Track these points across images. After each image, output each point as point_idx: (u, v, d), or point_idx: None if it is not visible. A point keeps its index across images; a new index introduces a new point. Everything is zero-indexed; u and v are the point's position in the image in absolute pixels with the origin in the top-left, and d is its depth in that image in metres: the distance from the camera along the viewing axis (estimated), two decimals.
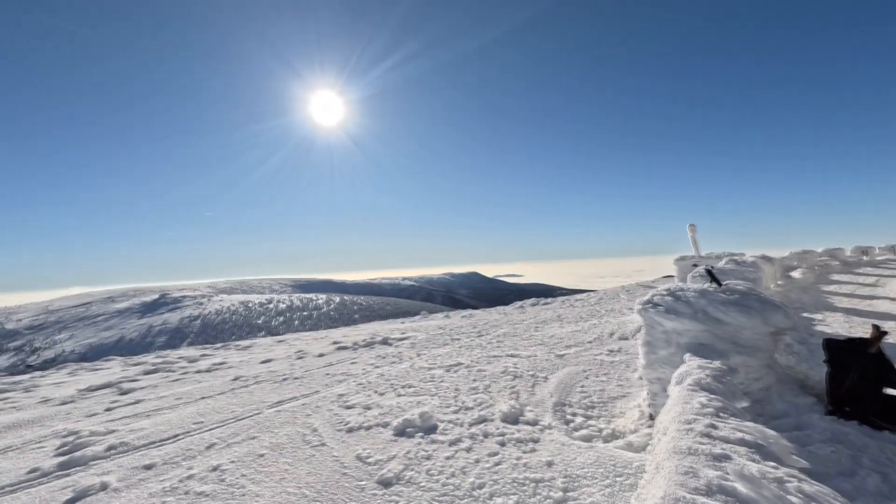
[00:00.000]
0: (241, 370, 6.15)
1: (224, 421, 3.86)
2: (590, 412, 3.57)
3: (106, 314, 78.93)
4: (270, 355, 7.28)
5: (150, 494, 2.56)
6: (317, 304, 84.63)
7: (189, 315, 71.48)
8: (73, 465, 3.09)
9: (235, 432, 3.54)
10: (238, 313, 73.64)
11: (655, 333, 3.21)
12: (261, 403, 4.34)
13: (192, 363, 7.04)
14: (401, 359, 6.15)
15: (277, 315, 75.47)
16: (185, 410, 4.29)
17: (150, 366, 7.03)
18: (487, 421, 3.42)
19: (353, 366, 5.93)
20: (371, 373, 5.38)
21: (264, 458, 2.98)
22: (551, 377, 4.59)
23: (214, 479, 2.71)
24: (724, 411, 1.77)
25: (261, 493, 2.50)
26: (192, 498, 2.49)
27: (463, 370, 5.14)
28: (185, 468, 2.91)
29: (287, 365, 6.31)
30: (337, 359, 6.54)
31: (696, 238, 6.68)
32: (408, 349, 6.90)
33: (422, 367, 5.51)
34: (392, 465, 2.72)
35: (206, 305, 77.60)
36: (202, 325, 67.38)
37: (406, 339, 7.86)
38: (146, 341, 60.40)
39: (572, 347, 6.01)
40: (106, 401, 4.95)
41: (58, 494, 2.66)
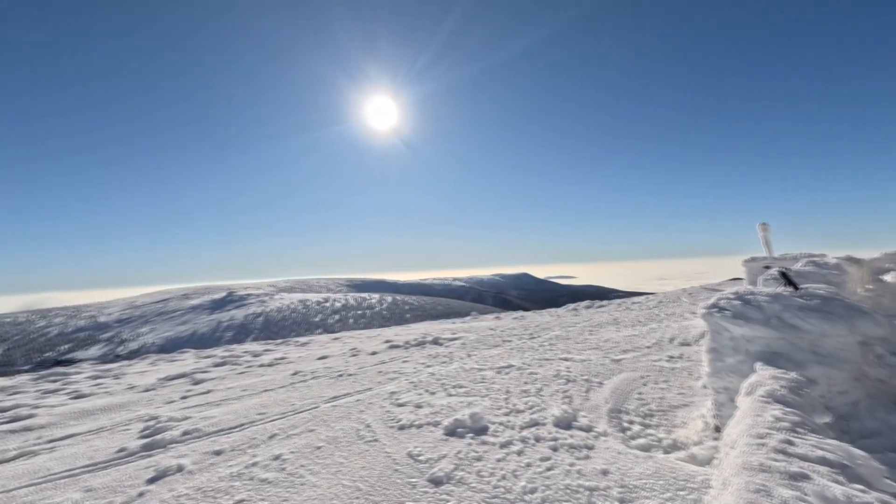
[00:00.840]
0: (299, 365, 6.45)
1: (284, 413, 4.06)
2: (648, 420, 3.40)
3: (181, 310, 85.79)
4: (326, 352, 7.58)
5: (220, 478, 2.74)
6: (370, 304, 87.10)
7: (253, 312, 76.08)
8: (154, 447, 3.38)
9: (294, 424, 3.72)
10: (297, 311, 77.38)
11: (722, 340, 3.00)
12: (318, 398, 4.53)
13: (256, 357, 7.48)
14: (451, 359, 6.19)
15: (333, 313, 78.47)
16: (249, 402, 4.56)
17: (218, 359, 7.56)
18: (539, 425, 3.36)
19: (404, 364, 6.04)
20: (422, 372, 5.46)
21: (321, 451, 3.11)
22: (606, 383, 4.43)
23: (276, 468, 2.86)
24: (801, 426, 1.62)
25: (318, 484, 2.60)
26: (256, 484, 2.64)
27: (514, 372, 5.09)
28: (249, 455, 3.10)
29: (342, 362, 6.54)
30: (389, 357, 6.69)
31: (769, 238, 6.16)
32: (458, 349, 6.93)
33: (472, 367, 5.51)
34: (443, 465, 2.74)
35: (269, 303, 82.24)
36: (265, 322, 71.47)
37: (457, 340, 7.89)
38: (215, 336, 64.98)
39: (629, 352, 5.76)
40: (181, 389, 5.37)
41: (142, 473, 2.92)
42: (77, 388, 5.88)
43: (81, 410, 4.59)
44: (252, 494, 2.52)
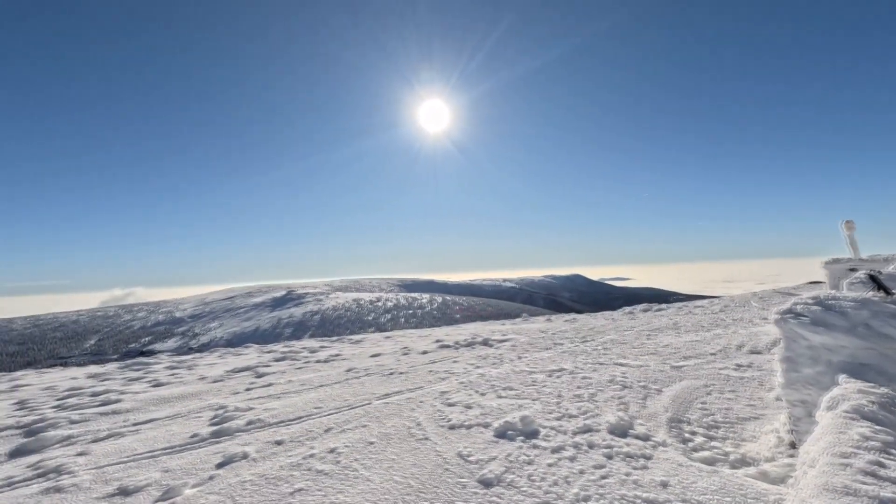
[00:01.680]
0: (353, 362, 6.66)
1: (339, 408, 4.21)
2: (713, 432, 3.19)
3: (246, 307, 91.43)
4: (379, 350, 7.78)
5: (280, 467, 2.90)
6: (420, 303, 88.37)
7: (310, 310, 79.62)
8: (222, 434, 3.63)
9: (348, 419, 3.84)
10: (351, 310, 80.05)
11: (798, 349, 2.76)
12: (370, 395, 4.66)
13: (313, 353, 7.82)
14: (501, 360, 6.14)
15: (385, 312, 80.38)
16: (307, 395, 4.78)
17: (279, 354, 7.97)
18: (593, 431, 3.25)
19: (454, 365, 6.06)
20: (472, 372, 5.46)
21: (374, 446, 3.19)
22: (666, 390, 4.21)
23: (331, 461, 2.97)
24: (894, 447, 1.46)
25: (371, 478, 2.68)
26: (313, 475, 2.76)
27: (566, 376, 4.96)
28: (307, 447, 3.24)
29: (394, 360, 6.68)
30: (439, 357, 6.75)
31: (854, 237, 5.56)
32: (508, 351, 6.86)
33: (523, 370, 5.43)
34: (493, 466, 2.73)
35: (325, 302, 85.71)
36: (321, 320, 74.56)
37: (507, 341, 7.82)
38: (276, 332, 68.67)
39: (691, 359, 5.44)
40: (246, 382, 5.72)
41: (211, 458, 3.14)
42: (156, 377, 6.44)
43: (160, 398, 5.02)
44: (310, 484, 2.63)
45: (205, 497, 2.53)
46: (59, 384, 6.53)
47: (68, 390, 5.86)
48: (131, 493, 2.66)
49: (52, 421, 4.26)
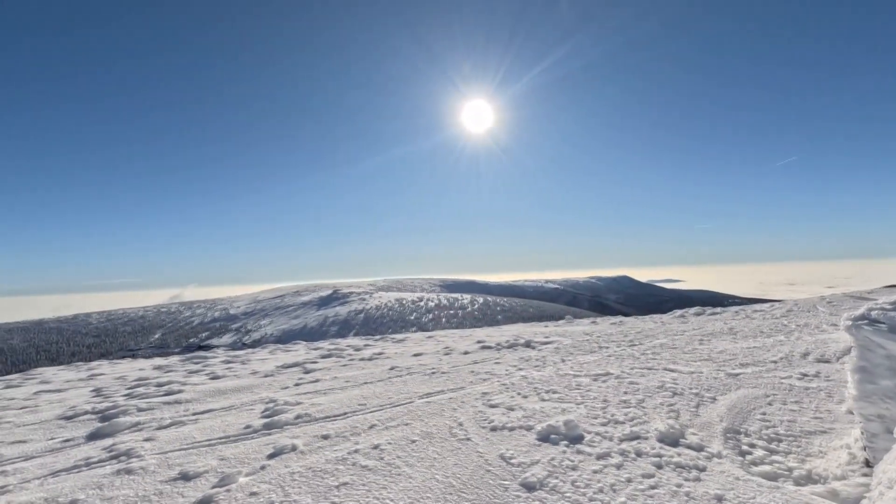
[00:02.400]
0: (396, 361, 6.78)
1: (382, 406, 4.30)
2: (774, 445, 2.99)
3: (294, 305, 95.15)
4: (421, 349, 7.86)
5: (327, 461, 2.99)
6: (462, 304, 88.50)
7: (355, 309, 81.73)
8: (273, 426, 3.80)
9: (391, 417, 3.91)
10: (394, 309, 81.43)
11: (874, 358, 2.53)
12: (413, 393, 4.72)
13: (357, 351, 8.02)
14: (544, 363, 6.03)
15: (427, 312, 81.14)
16: (351, 392, 4.91)
17: (325, 351, 8.24)
18: (641, 438, 3.13)
19: (496, 366, 6.03)
20: (514, 374, 5.40)
21: (416, 444, 3.23)
22: (721, 398, 3.98)
23: (375, 457, 3.03)
24: None
25: (413, 476, 2.71)
26: (357, 470, 2.83)
27: (612, 381, 4.80)
28: (352, 442, 3.33)
29: (435, 360, 6.73)
30: (481, 357, 6.73)
31: None
32: (552, 354, 6.73)
33: (566, 373, 5.31)
34: (536, 470, 2.69)
35: (368, 301, 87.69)
36: (365, 319, 76.36)
37: (550, 344, 7.68)
38: (322, 329, 71.01)
39: (749, 366, 5.12)
40: (295, 377, 5.95)
41: (263, 449, 3.29)
42: (213, 370, 6.83)
43: (217, 390, 5.32)
44: (354, 479, 2.70)
45: (257, 486, 2.66)
46: (128, 374, 7.08)
47: (136, 380, 6.34)
48: (191, 478, 2.83)
49: (123, 408, 4.62)
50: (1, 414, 4.79)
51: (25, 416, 4.69)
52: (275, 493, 2.55)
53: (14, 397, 5.72)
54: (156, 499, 2.58)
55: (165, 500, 2.55)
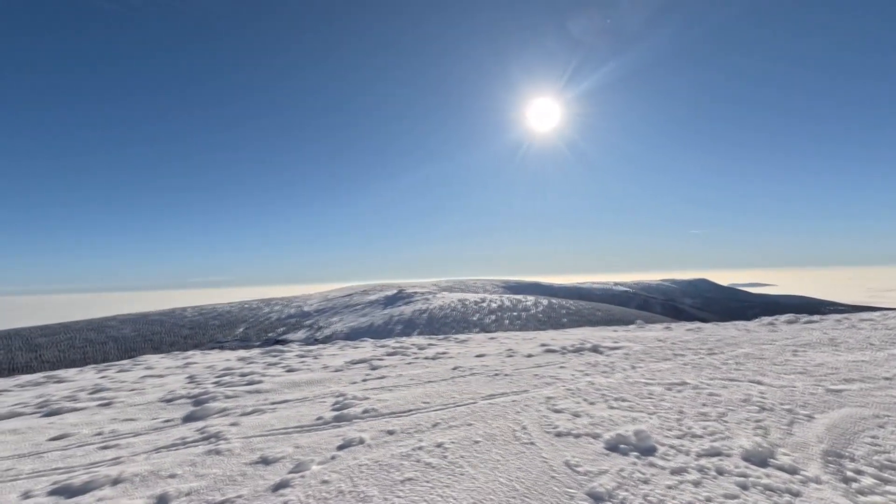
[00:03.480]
0: (459, 361, 6.82)
1: (446, 405, 4.35)
2: (886, 474, 2.62)
3: (362, 304, 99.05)
4: (484, 351, 7.85)
5: (392, 456, 3.08)
6: (525, 306, 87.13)
7: (419, 309, 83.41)
8: (342, 419, 3.98)
9: (454, 416, 3.95)
10: (457, 310, 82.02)
11: None
12: (475, 394, 4.72)
13: (421, 350, 8.18)
14: (613, 369, 5.77)
15: (489, 314, 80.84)
16: (416, 390, 5.01)
17: (391, 349, 8.49)
18: (722, 455, 2.89)
19: (561, 370, 5.86)
20: (580, 380, 5.22)
21: (479, 446, 3.23)
22: (819, 417, 3.57)
23: (438, 455, 3.08)
24: None
25: (476, 477, 2.71)
26: (421, 467, 2.89)
27: (688, 391, 4.48)
28: (416, 439, 3.40)
29: (498, 361, 6.69)
30: (545, 361, 6.59)
31: None
32: (621, 360, 6.42)
33: (637, 381, 5.04)
34: (604, 480, 2.58)
35: (432, 301, 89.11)
36: (428, 319, 77.67)
37: (619, 349, 7.33)
38: (388, 328, 73.27)
39: (855, 382, 4.54)
40: (362, 373, 6.20)
41: (333, 440, 3.46)
42: (289, 363, 7.30)
43: (292, 382, 5.68)
44: (418, 475, 2.76)
45: (328, 474, 2.80)
46: (216, 364, 7.77)
47: (223, 370, 6.95)
48: (270, 462, 3.05)
49: (213, 394, 5.08)
50: (115, 395, 5.47)
51: (134, 397, 5.32)
52: (344, 483, 2.67)
53: (125, 380, 6.51)
54: (240, 479, 2.81)
55: (248, 481, 2.77)
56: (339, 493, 2.56)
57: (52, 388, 6.36)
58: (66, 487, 2.76)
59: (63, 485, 2.79)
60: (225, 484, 2.75)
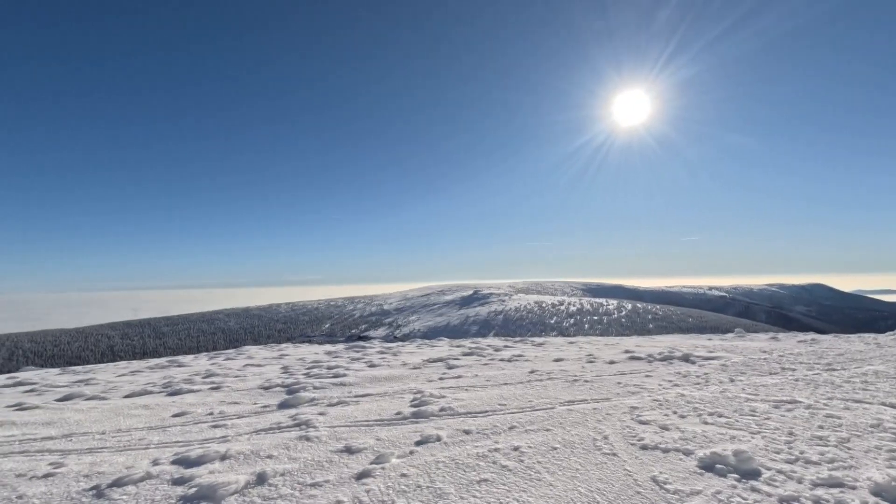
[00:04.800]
0: (535, 364, 6.68)
1: (522, 408, 4.28)
2: None
3: (439, 304, 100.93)
4: (562, 355, 7.61)
5: (468, 455, 3.10)
6: (607, 310, 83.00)
7: (494, 310, 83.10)
8: (419, 416, 4.09)
9: (531, 420, 3.87)
10: (533, 312, 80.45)
11: None
12: (554, 399, 4.59)
13: (497, 352, 8.14)
14: (707, 381, 5.29)
15: (568, 317, 78.19)
16: (492, 391, 5.00)
17: (467, 349, 8.56)
18: (845, 487, 2.51)
19: (647, 379, 5.50)
20: (669, 391, 4.85)
21: (557, 452, 3.13)
22: None
23: (515, 458, 3.04)
24: None
25: (554, 484, 2.64)
26: (497, 469, 2.87)
27: (800, 410, 3.96)
28: (492, 441, 3.39)
29: (578, 367, 6.44)
30: (629, 369, 6.22)
31: None
32: (717, 371, 5.86)
33: (737, 395, 4.57)
34: (697, 502, 2.37)
35: (507, 303, 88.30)
36: (504, 320, 77.04)
37: (714, 359, 6.70)
38: (463, 328, 73.86)
39: None
40: (439, 371, 6.32)
41: (411, 435, 3.57)
42: (371, 359, 7.66)
43: (373, 377, 5.95)
44: (494, 477, 2.75)
45: (407, 468, 2.89)
46: (306, 357, 8.39)
47: (312, 362, 7.48)
48: (354, 452, 3.22)
49: (303, 385, 5.50)
50: (223, 380, 6.13)
51: (238, 383, 5.92)
52: (422, 478, 2.74)
53: (231, 367, 7.28)
54: (327, 465, 3.00)
55: (334, 468, 2.95)
56: (416, 487, 2.63)
57: (173, 371, 7.31)
58: (185, 458, 3.15)
59: (182, 456, 3.19)
60: (314, 468, 2.95)
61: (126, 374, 7.35)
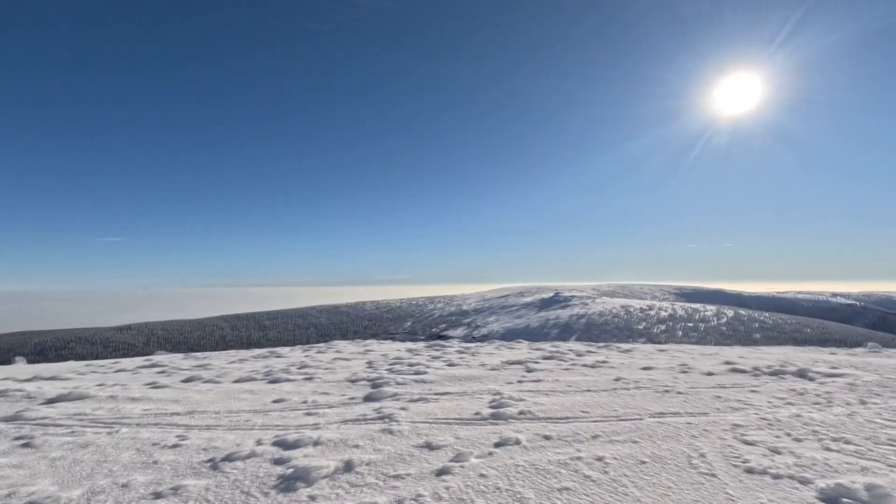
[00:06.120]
0: (621, 372, 6.31)
1: (606, 417, 4.07)
2: None
3: (517, 305, 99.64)
4: (651, 363, 7.11)
5: (549, 462, 3.02)
6: (704, 316, 75.98)
7: (576, 313, 80.00)
8: (498, 417, 4.07)
9: (617, 431, 3.66)
10: (619, 316, 76.10)
11: None
12: (642, 410, 4.31)
13: (579, 357, 7.83)
14: (830, 401, 4.61)
15: (658, 323, 72.85)
16: (574, 397, 4.82)
17: (546, 352, 8.34)
18: None
19: (752, 395, 4.93)
20: (780, 409, 4.31)
21: (646, 466, 2.93)
22: None
23: (599, 469, 2.89)
24: None
25: (642, 499, 2.47)
26: (580, 478, 2.76)
27: None
28: (574, 448, 3.27)
29: (669, 376, 5.97)
30: (730, 382, 5.63)
31: None
32: (842, 391, 5.09)
33: (870, 420, 3.92)
34: None
35: (591, 306, 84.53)
36: (586, 324, 73.86)
37: (839, 377, 5.82)
38: (543, 331, 72.08)
39: None
40: (518, 374, 6.23)
41: (490, 436, 3.56)
42: (450, 358, 7.78)
43: (452, 376, 6.04)
44: (576, 486, 2.64)
45: (486, 469, 2.89)
46: (389, 353, 8.75)
47: (395, 359, 7.78)
48: (434, 448, 3.30)
49: (386, 380, 5.74)
50: (315, 371, 6.62)
51: (328, 375, 6.35)
52: (501, 481, 2.72)
53: (322, 360, 7.83)
54: (409, 458, 3.11)
55: (415, 462, 3.04)
56: (496, 489, 2.62)
57: (273, 361, 8.04)
58: (283, 441, 3.45)
59: (281, 439, 3.50)
60: (396, 461, 3.07)
61: (235, 361, 8.24)
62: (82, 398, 4.98)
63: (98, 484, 2.77)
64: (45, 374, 6.87)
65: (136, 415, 4.38)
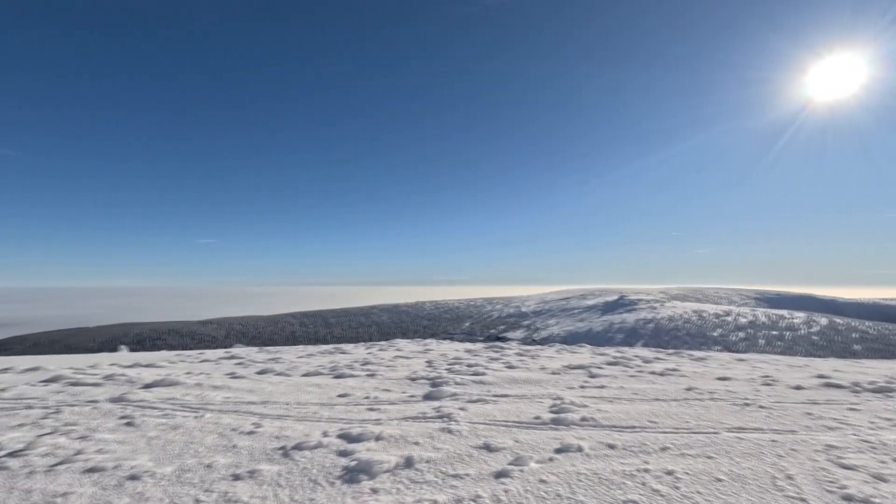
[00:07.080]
0: (694, 381, 5.91)
1: (677, 428, 3.83)
2: None
3: (579, 308, 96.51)
4: (728, 373, 6.58)
5: (613, 471, 2.90)
6: (791, 324, 69.07)
7: (643, 318, 75.93)
8: (559, 423, 3.97)
9: (689, 444, 3.43)
10: (691, 322, 71.22)
11: None
12: (718, 423, 4.00)
13: (647, 364, 7.42)
14: None
15: (737, 330, 67.27)
16: (640, 406, 4.58)
17: (611, 358, 8.00)
18: None
19: (851, 413, 4.41)
20: (885, 432, 3.82)
21: (722, 485, 2.72)
22: None
23: (669, 483, 2.73)
24: None
25: None
26: (647, 491, 2.62)
27: None
28: (641, 460, 3.10)
29: (750, 389, 5.50)
30: (823, 398, 5.07)
31: None
32: None
33: None
34: None
35: (659, 310, 79.86)
36: (654, 329, 69.86)
37: None
38: (607, 336, 69.18)
39: None
40: (580, 379, 6.03)
41: (551, 442, 3.48)
42: (509, 360, 7.70)
43: (511, 378, 5.97)
44: (643, 499, 2.51)
45: (546, 475, 2.83)
46: (448, 353, 8.82)
47: (453, 359, 7.84)
48: (493, 450, 3.28)
49: (446, 379, 5.80)
50: (377, 368, 6.84)
51: (389, 372, 6.53)
52: (562, 488, 2.65)
53: (383, 358, 8.07)
54: (468, 459, 3.12)
55: (474, 463, 3.05)
56: (556, 496, 2.55)
57: (338, 357, 8.41)
58: (347, 434, 3.60)
59: (345, 432, 3.65)
60: (455, 461, 3.10)
61: (304, 356, 8.72)
62: (173, 384, 5.53)
63: (186, 463, 3.07)
64: (143, 362, 7.71)
65: (218, 402, 4.79)
